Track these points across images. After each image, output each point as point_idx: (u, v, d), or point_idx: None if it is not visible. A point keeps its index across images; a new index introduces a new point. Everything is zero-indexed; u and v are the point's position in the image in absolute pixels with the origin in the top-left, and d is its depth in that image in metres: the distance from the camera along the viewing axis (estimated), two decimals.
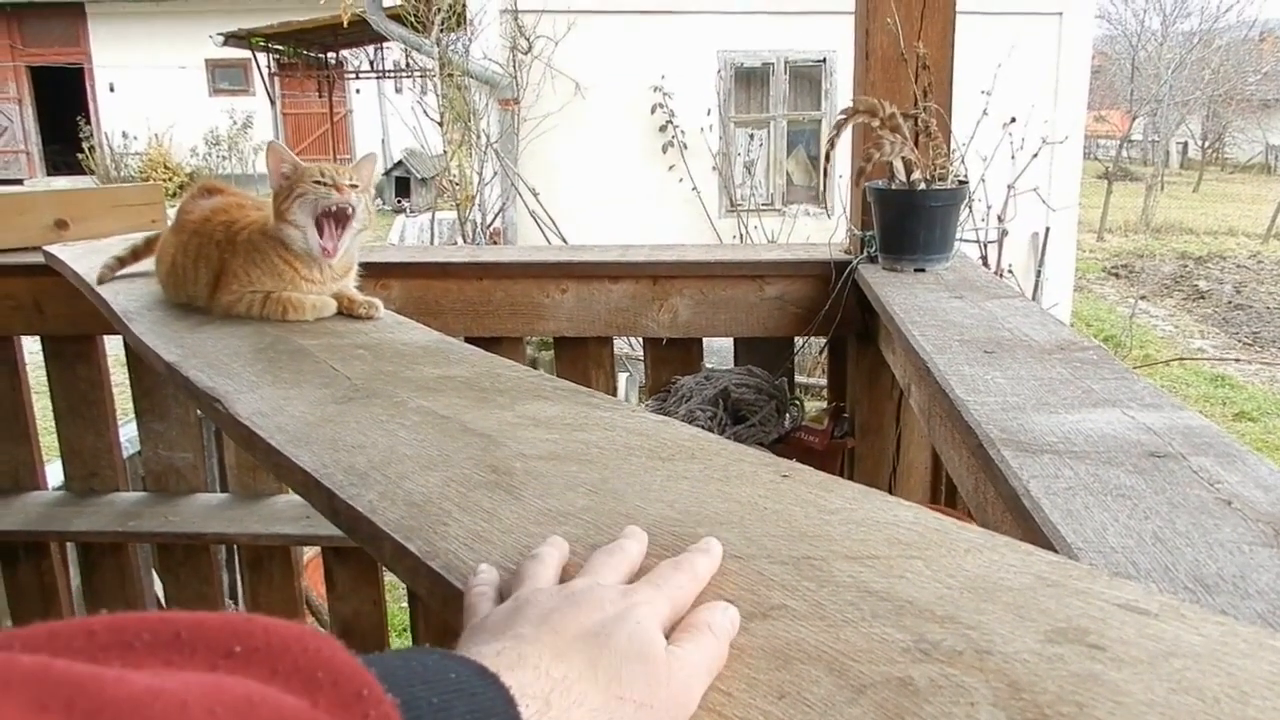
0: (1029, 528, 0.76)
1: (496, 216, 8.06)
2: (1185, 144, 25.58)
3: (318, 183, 1.27)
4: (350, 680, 0.34)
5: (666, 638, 0.49)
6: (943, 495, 1.58)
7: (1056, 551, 0.68)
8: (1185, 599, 0.57)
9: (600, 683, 0.44)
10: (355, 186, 1.29)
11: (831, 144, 1.58)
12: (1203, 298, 12.06)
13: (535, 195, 7.01)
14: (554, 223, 6.97)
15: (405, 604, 3.25)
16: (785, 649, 0.49)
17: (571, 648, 0.45)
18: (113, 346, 2.17)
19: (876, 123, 1.51)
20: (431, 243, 8.91)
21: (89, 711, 0.27)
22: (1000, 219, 4.80)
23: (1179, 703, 0.43)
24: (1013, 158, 5.07)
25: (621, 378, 5.81)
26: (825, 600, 0.54)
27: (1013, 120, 5.15)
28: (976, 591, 0.53)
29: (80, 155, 17.19)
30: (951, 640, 0.49)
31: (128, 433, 2.54)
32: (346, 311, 1.35)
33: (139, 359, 1.71)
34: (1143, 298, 11.56)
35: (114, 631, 0.32)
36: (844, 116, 1.53)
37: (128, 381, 2.22)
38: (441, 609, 0.63)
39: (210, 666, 0.32)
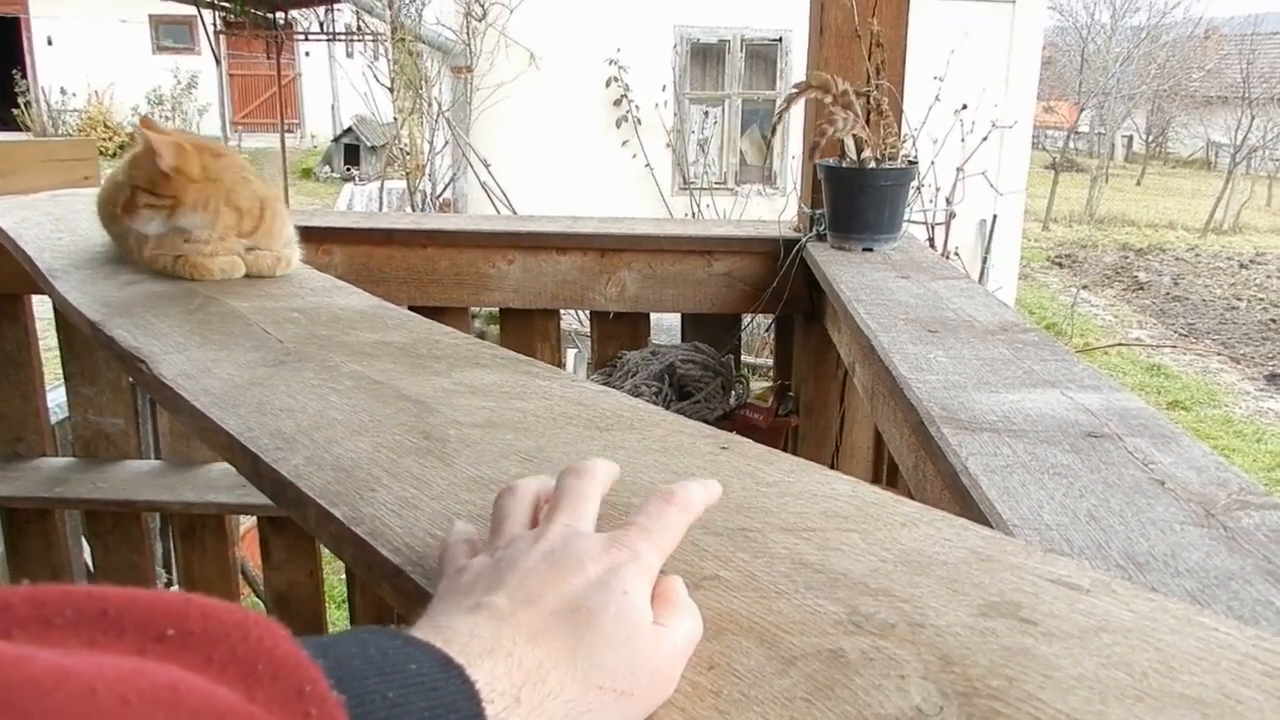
0: (966, 505, 0.76)
1: (447, 187, 7.95)
2: (1130, 137, 26.10)
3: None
4: (293, 674, 0.31)
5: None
6: (884, 474, 1.59)
7: (993, 528, 0.68)
8: (1117, 576, 0.57)
9: (579, 670, 0.40)
10: (153, 206, 1.28)
11: (780, 116, 1.57)
12: (1142, 289, 12.34)
13: (487, 166, 6.91)
14: (505, 195, 6.89)
15: (344, 575, 3.21)
16: (716, 620, 0.48)
17: (549, 627, 0.41)
18: (45, 310, 2.10)
19: (829, 99, 1.50)
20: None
21: None
22: (948, 201, 4.85)
23: (1108, 677, 0.43)
24: (962, 140, 5.12)
25: (570, 353, 5.79)
26: (759, 572, 0.53)
27: (964, 107, 5.20)
28: (911, 565, 0.53)
29: (15, 111, 16.60)
30: (885, 613, 0.48)
31: (56, 398, 2.46)
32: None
33: (68, 320, 1.65)
34: (1084, 287, 11.80)
35: (33, 605, 0.29)
36: (796, 90, 1.52)
37: (57, 346, 2.15)
38: (366, 576, 0.61)
39: (139, 650, 0.29)
